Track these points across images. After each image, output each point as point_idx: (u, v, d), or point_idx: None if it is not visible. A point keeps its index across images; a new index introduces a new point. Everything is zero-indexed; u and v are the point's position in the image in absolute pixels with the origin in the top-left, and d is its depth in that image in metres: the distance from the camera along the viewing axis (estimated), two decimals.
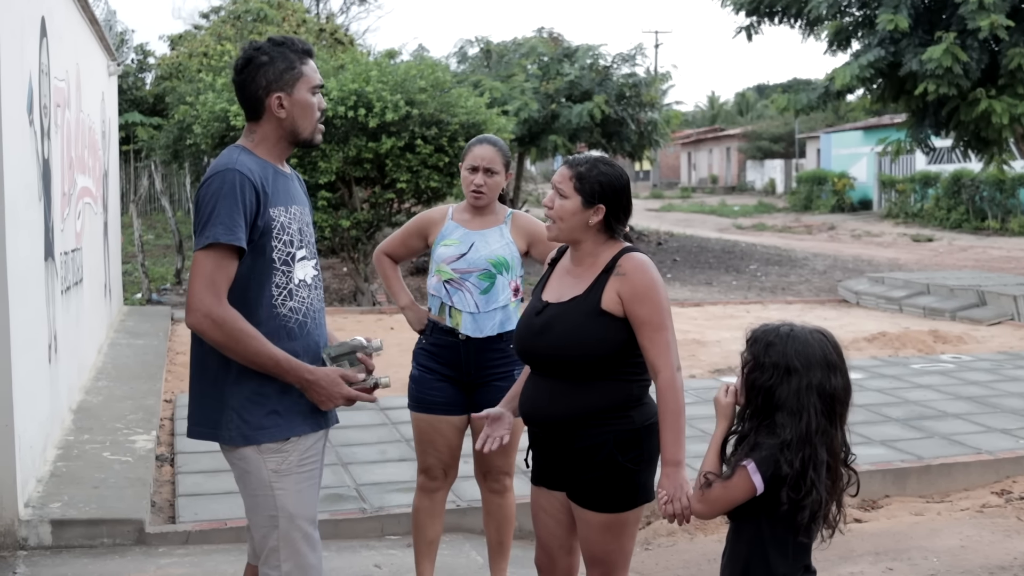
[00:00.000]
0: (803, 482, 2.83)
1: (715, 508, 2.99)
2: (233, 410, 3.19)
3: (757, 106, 75.78)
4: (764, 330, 2.96)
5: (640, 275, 3.41)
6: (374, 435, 7.47)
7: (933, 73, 16.32)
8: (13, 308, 5.27)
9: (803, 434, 2.83)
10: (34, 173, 6.18)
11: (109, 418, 7.49)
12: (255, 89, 3.25)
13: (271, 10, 28.01)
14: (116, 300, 12.60)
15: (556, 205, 3.50)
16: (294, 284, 3.26)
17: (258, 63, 3.24)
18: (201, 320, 3.09)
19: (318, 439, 3.31)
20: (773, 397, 2.87)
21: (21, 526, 5.29)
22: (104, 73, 11.47)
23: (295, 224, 3.27)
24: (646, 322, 3.36)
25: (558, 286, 3.58)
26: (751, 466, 2.87)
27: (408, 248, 4.69)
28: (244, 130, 3.36)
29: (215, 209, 3.10)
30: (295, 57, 3.27)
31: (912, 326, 13.52)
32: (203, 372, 3.27)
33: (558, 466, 3.55)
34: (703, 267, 22.04)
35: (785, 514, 2.89)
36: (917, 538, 5.90)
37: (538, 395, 3.55)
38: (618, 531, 3.50)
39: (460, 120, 14.91)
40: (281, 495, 3.21)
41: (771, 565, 2.93)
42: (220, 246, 3.08)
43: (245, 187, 3.13)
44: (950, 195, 33.72)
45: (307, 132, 3.33)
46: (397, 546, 5.59)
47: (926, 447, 7.33)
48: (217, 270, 3.09)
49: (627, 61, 25.01)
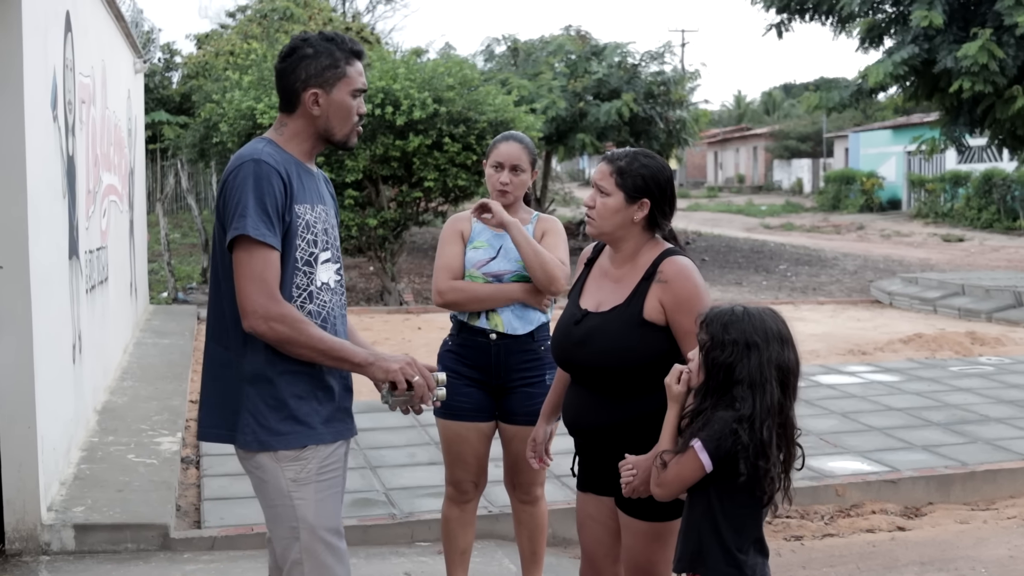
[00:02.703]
0: (770, 451, 2.91)
1: (671, 490, 3.05)
2: (249, 413, 3.05)
3: (784, 105, 75.36)
4: (719, 311, 3.03)
5: (682, 282, 3.33)
6: (402, 437, 7.33)
7: (968, 70, 16.09)
8: (36, 307, 5.15)
9: (768, 405, 2.92)
10: (58, 170, 6.07)
11: (134, 419, 7.39)
12: (293, 81, 3.12)
13: (297, 9, 27.99)
14: (142, 299, 12.53)
15: (598, 203, 3.41)
16: (315, 287, 3.12)
17: (302, 54, 3.11)
18: (259, 323, 2.95)
19: (338, 446, 3.16)
20: (733, 373, 2.94)
21: (44, 531, 5.18)
22: (130, 70, 11.39)
23: (320, 224, 3.13)
24: (689, 332, 3.23)
25: (596, 291, 3.49)
26: (698, 445, 2.94)
27: (462, 256, 4.35)
28: (275, 121, 3.21)
29: (244, 201, 2.97)
30: (341, 56, 3.13)
31: (948, 327, 13.29)
32: (219, 371, 3.13)
33: (606, 472, 3.46)
34: (732, 267, 21.83)
35: (738, 487, 2.94)
36: (963, 547, 5.73)
37: (582, 404, 3.47)
38: (664, 540, 3.40)
39: (488, 118, 14.78)
40: (301, 505, 3.06)
41: (723, 537, 2.98)
42: (255, 244, 2.95)
43: (273, 179, 3.00)
44: (981, 194, 33.32)
45: (340, 134, 3.18)
46: (427, 553, 5.44)
47: (969, 452, 7.13)
48: (265, 267, 2.96)
49: (655, 59, 24.83)
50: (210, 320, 3.18)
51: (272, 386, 3.04)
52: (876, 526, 6.08)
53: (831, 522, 6.16)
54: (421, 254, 21.94)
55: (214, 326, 3.16)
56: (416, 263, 20.54)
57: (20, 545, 5.13)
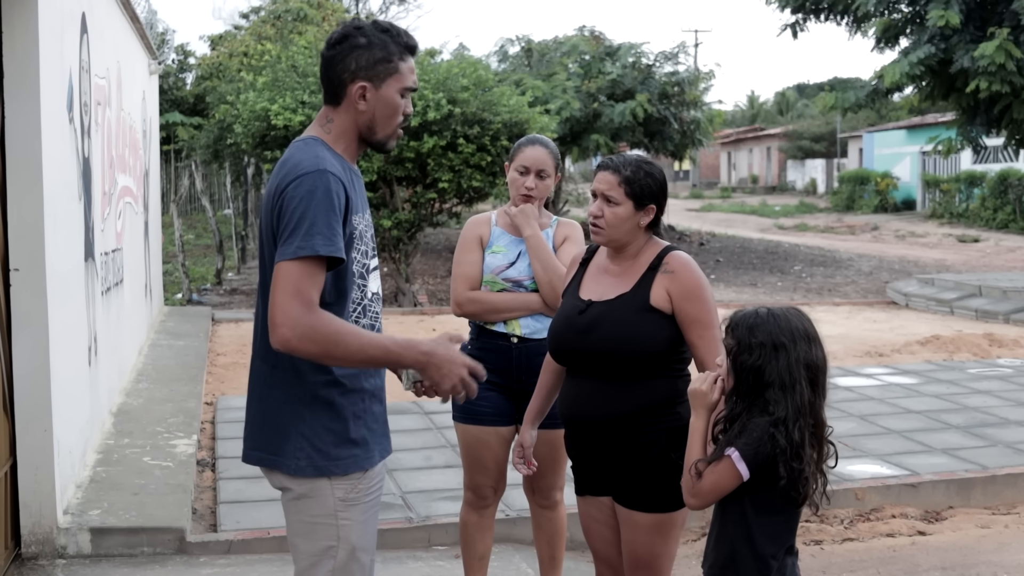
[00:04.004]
0: (803, 451, 2.89)
1: (706, 500, 3.01)
2: (304, 437, 2.83)
3: (797, 105, 75.18)
4: (743, 314, 3.01)
5: (688, 273, 3.42)
6: (419, 440, 7.30)
7: (985, 70, 15.95)
8: (52, 309, 5.13)
9: (799, 405, 2.89)
10: (74, 171, 6.05)
11: (149, 421, 7.38)
12: (341, 71, 2.87)
13: (311, 10, 28.00)
14: (157, 300, 12.53)
15: (607, 213, 3.46)
16: (368, 298, 2.96)
17: (353, 43, 2.87)
18: (288, 336, 2.67)
19: (382, 465, 3.02)
20: (763, 376, 2.92)
21: (60, 534, 5.16)
22: (145, 72, 11.39)
23: (368, 232, 2.94)
24: (696, 320, 3.38)
25: (596, 285, 3.55)
26: (735, 455, 2.90)
27: (480, 263, 4.30)
28: (319, 115, 2.98)
29: (310, 215, 2.70)
30: (396, 50, 2.89)
31: (965, 329, 13.21)
32: (267, 391, 2.90)
33: (602, 470, 3.50)
34: (747, 268, 21.76)
35: (773, 492, 2.92)
36: (985, 553, 5.67)
37: (583, 396, 3.48)
38: (666, 531, 3.46)
39: (503, 119, 14.75)
40: (346, 526, 2.87)
41: (757, 545, 2.96)
42: (308, 258, 2.69)
43: (340, 193, 2.77)
44: (996, 195, 33.16)
45: (382, 135, 2.95)
46: (445, 557, 5.41)
47: (990, 456, 7.07)
48: (304, 278, 2.68)
49: (670, 59, 24.79)
50: (257, 337, 2.95)
51: (332, 409, 2.85)
52: (896, 531, 6.03)
53: (851, 526, 6.11)
54: (435, 255, 21.91)
55: (261, 343, 2.92)
56: (430, 264, 20.52)
57: (36, 548, 5.11)
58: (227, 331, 12.43)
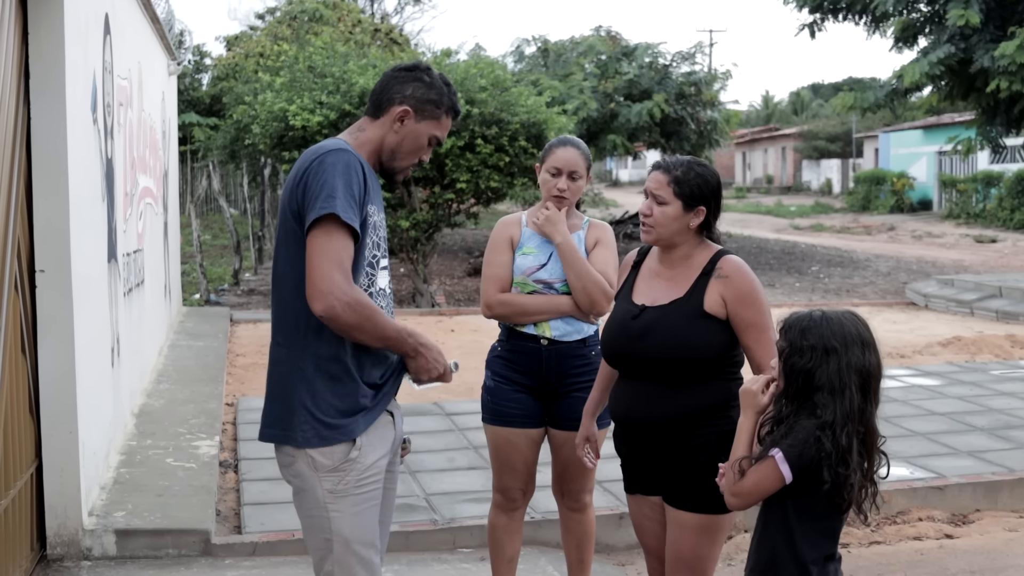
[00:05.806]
0: (850, 457, 2.86)
1: (748, 500, 3.01)
2: (306, 409, 3.00)
3: (812, 105, 74.97)
4: (797, 317, 2.99)
5: (742, 278, 3.44)
6: (441, 442, 7.27)
7: (1006, 69, 15.91)
8: (77, 311, 5.13)
9: (847, 411, 2.87)
10: (98, 172, 6.05)
11: (171, 422, 7.37)
12: (396, 91, 3.15)
13: (327, 10, 28.01)
14: (176, 301, 12.54)
15: (656, 212, 3.48)
16: (375, 290, 3.10)
17: (418, 76, 3.17)
18: (335, 304, 2.86)
19: (380, 457, 3.11)
20: (813, 379, 2.91)
21: (85, 536, 5.15)
22: (165, 72, 11.38)
23: (382, 229, 3.11)
24: (752, 324, 3.39)
25: (648, 289, 3.55)
26: (779, 456, 2.89)
27: (511, 265, 4.27)
28: (354, 124, 3.23)
29: (332, 184, 2.91)
30: (446, 103, 3.19)
31: (986, 330, 13.13)
32: (273, 369, 3.09)
33: (653, 470, 3.52)
34: (764, 268, 21.67)
35: (817, 497, 2.89)
36: (1014, 556, 5.62)
37: (636, 398, 3.49)
38: (713, 533, 3.47)
39: (520, 119, 14.72)
40: (336, 518, 3.03)
41: (798, 551, 2.94)
42: (339, 228, 2.88)
43: (360, 173, 2.98)
44: (1014, 195, 32.95)
45: (399, 163, 3.19)
46: (470, 559, 5.38)
47: (1016, 458, 7.01)
48: (344, 250, 2.90)
49: (686, 59, 24.74)
50: (273, 320, 3.14)
51: (332, 380, 3.01)
52: (923, 534, 5.98)
53: (877, 529, 6.06)
54: (453, 255, 21.90)
55: (275, 324, 3.12)
56: (448, 265, 20.50)
57: (62, 550, 5.10)
58: (246, 332, 12.43)
